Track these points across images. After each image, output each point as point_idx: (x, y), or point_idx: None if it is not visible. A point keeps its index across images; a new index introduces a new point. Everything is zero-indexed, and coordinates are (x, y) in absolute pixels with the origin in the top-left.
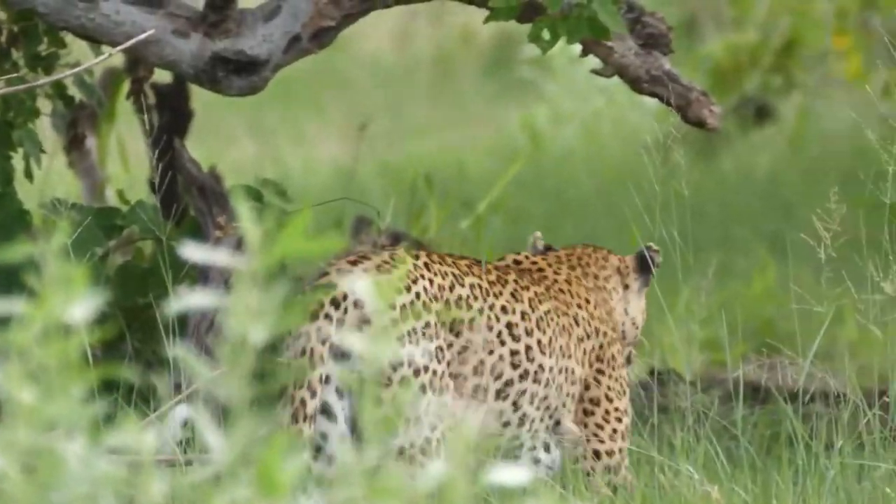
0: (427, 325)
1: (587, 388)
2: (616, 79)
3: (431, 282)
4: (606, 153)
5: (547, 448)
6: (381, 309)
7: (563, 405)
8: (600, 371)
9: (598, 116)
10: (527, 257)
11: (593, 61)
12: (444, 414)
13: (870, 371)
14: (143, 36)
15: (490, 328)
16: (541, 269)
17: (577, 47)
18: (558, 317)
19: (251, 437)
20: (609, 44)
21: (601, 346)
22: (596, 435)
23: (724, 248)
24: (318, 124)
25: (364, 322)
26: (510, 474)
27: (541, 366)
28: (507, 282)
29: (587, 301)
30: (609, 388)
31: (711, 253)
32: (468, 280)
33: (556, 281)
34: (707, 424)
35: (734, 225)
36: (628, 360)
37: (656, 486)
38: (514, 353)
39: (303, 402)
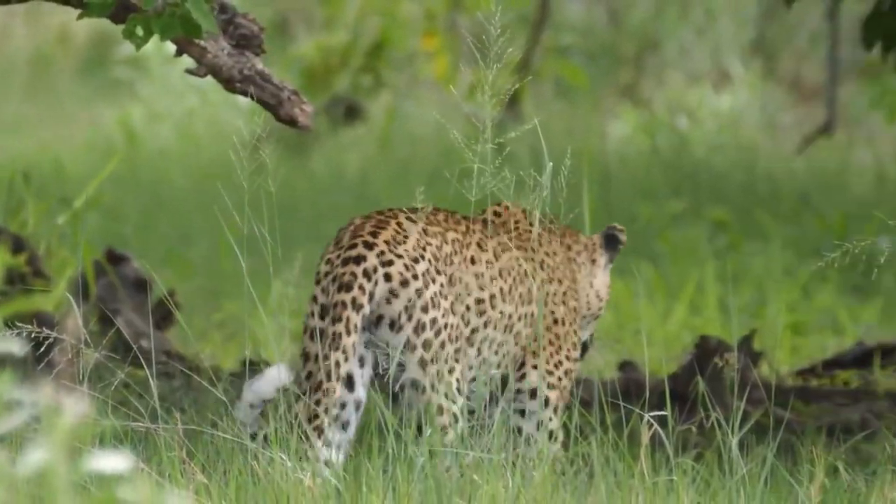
0: (441, 286)
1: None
2: (210, 78)
3: (435, 245)
4: (200, 151)
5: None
6: None
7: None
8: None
9: (193, 115)
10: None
11: (188, 61)
12: (464, 363)
13: None
14: None
15: (460, 280)
16: (517, 222)
17: (172, 47)
18: (520, 264)
19: None
20: (202, 44)
21: (564, 293)
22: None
23: (317, 244)
24: None
25: (392, 294)
26: (108, 462)
27: (501, 313)
28: (473, 231)
29: (555, 253)
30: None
31: (302, 249)
32: (450, 236)
33: (527, 232)
34: (301, 412)
35: (325, 222)
36: (590, 340)
37: (250, 474)
38: (479, 301)
39: (336, 364)
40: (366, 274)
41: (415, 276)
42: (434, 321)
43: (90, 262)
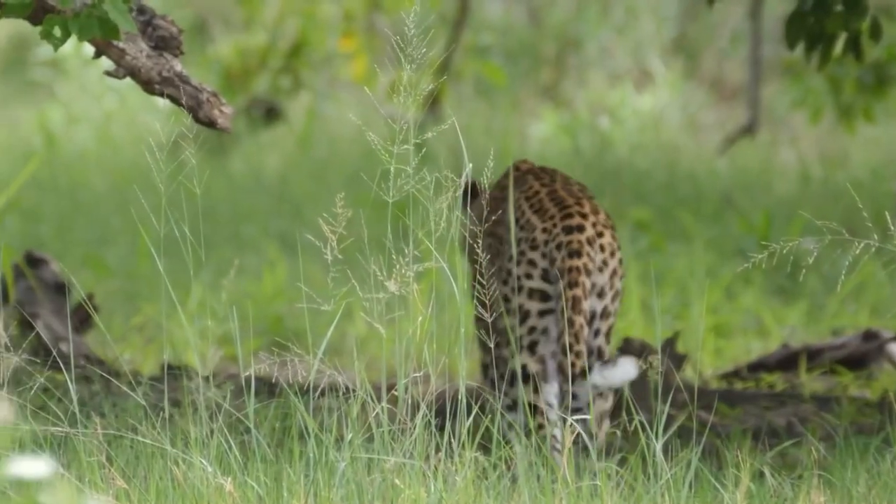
0: (623, 274)
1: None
2: (129, 80)
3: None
4: (119, 153)
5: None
6: None
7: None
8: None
9: (111, 117)
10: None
11: (106, 63)
12: None
13: (377, 366)
14: None
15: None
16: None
17: (91, 49)
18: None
19: None
20: (121, 46)
21: None
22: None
23: (236, 246)
24: None
25: (604, 263)
26: (27, 467)
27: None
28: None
29: None
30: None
31: (223, 251)
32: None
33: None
34: (220, 418)
35: (245, 223)
36: None
37: (170, 479)
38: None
39: (581, 327)
40: (589, 242)
41: (619, 247)
42: (621, 289)
43: (9, 265)
